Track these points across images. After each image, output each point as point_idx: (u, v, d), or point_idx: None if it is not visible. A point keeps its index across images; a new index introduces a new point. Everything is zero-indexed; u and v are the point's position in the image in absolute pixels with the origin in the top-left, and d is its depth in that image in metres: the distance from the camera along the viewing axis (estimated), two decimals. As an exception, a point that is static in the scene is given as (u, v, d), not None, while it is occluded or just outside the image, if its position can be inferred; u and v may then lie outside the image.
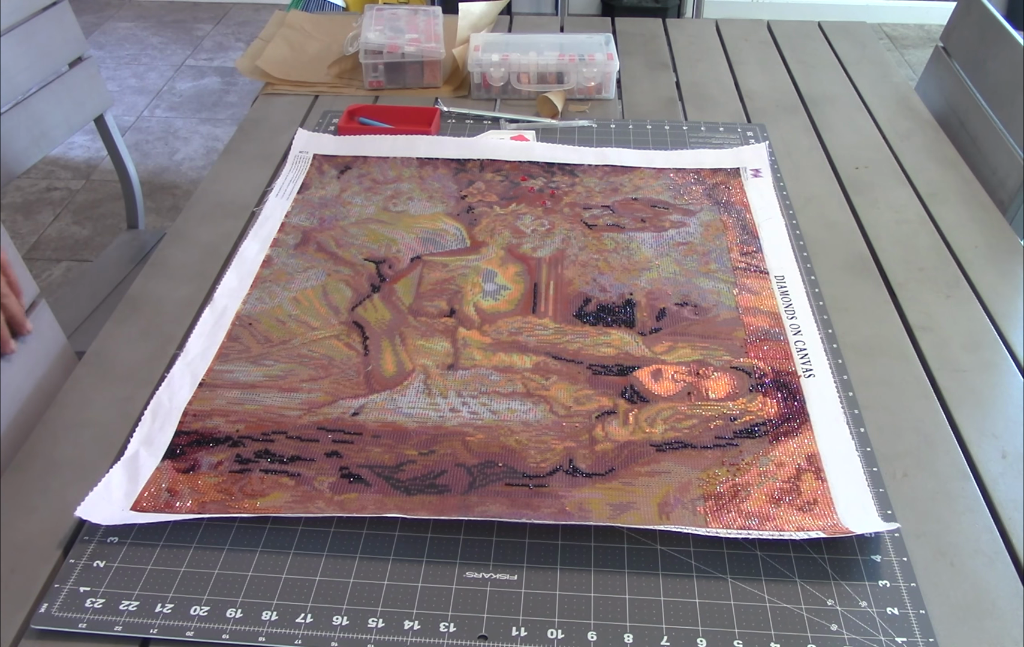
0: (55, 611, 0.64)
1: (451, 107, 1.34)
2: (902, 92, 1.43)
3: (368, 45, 1.39)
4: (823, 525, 0.70)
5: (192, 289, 0.98)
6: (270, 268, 1.01)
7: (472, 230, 1.07)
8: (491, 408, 0.82)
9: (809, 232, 1.07)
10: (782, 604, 0.65)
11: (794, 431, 0.79)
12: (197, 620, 0.64)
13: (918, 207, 1.13)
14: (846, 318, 0.94)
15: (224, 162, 1.23)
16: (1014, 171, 1.29)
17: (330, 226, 1.08)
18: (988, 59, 1.44)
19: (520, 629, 0.64)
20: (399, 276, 0.99)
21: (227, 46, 3.67)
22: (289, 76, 1.45)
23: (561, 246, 1.04)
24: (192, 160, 2.79)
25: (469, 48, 1.41)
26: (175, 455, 0.77)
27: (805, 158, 1.24)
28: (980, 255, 1.04)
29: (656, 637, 0.63)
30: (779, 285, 0.98)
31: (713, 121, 1.33)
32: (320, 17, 1.71)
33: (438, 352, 0.89)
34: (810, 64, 1.53)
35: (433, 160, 1.21)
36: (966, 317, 0.95)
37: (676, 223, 1.08)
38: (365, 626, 0.64)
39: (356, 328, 0.92)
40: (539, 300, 0.96)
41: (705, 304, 0.95)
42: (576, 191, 1.14)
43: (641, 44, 1.60)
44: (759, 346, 0.89)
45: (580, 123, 1.30)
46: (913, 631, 0.63)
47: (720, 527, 0.70)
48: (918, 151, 1.26)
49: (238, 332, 0.91)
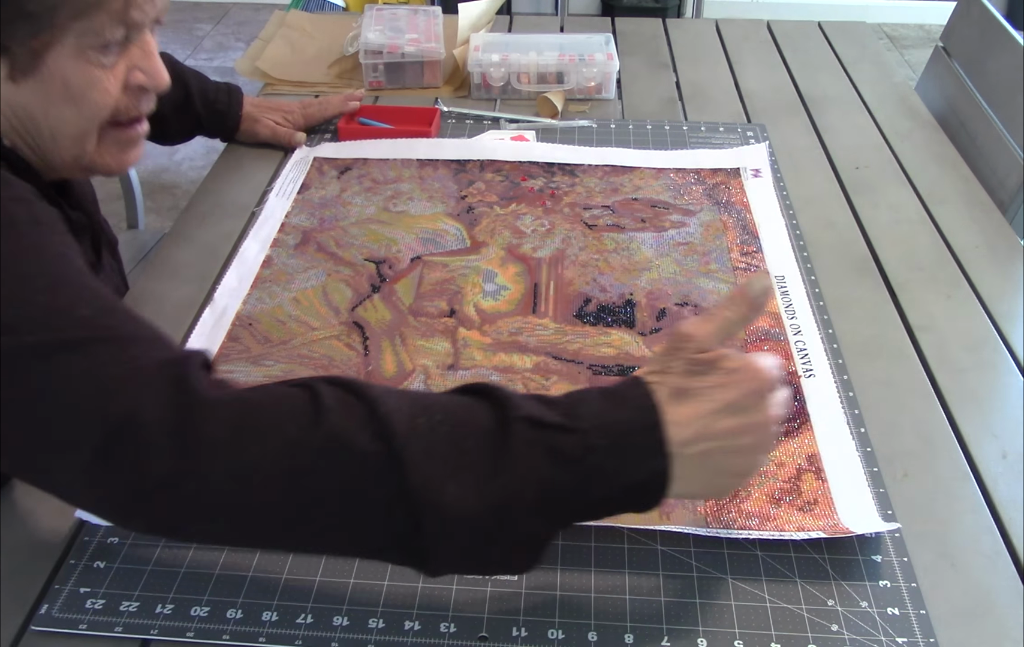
0: (55, 612, 0.64)
1: (451, 107, 1.34)
2: (902, 92, 1.43)
3: (368, 45, 1.39)
4: (823, 525, 0.70)
5: (192, 289, 0.98)
6: (270, 268, 1.00)
7: (472, 230, 1.07)
8: (491, 408, 0.82)
9: (809, 232, 1.07)
10: (782, 604, 0.65)
11: (794, 431, 0.79)
12: (197, 621, 0.64)
13: (918, 207, 1.13)
14: (846, 318, 0.94)
15: (224, 162, 1.23)
16: (1014, 171, 1.29)
17: (330, 226, 1.08)
18: (988, 59, 1.44)
19: (520, 629, 0.64)
20: (399, 276, 0.99)
21: (227, 46, 3.67)
22: (289, 76, 1.45)
23: (561, 246, 1.04)
24: (192, 160, 2.79)
25: (469, 48, 1.41)
26: (175, 455, 0.77)
27: (805, 158, 1.24)
28: (980, 255, 1.04)
29: (656, 637, 0.63)
30: (779, 285, 0.98)
31: (713, 121, 1.33)
32: (320, 17, 1.71)
33: (438, 352, 0.89)
34: (810, 64, 1.53)
35: (433, 160, 1.21)
36: (966, 317, 0.95)
37: (676, 223, 1.08)
38: (365, 626, 0.64)
39: (356, 328, 0.92)
40: (539, 300, 0.96)
41: (705, 304, 0.95)
42: (576, 191, 1.14)
43: (641, 44, 1.60)
44: (759, 346, 0.89)
45: (580, 123, 1.30)
46: (914, 631, 0.63)
47: (720, 527, 0.70)
48: (918, 151, 1.26)
49: (238, 332, 0.91)
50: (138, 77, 0.74)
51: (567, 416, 0.58)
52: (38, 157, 0.73)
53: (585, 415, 0.58)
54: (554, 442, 0.56)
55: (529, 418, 0.57)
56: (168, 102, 1.15)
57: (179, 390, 0.56)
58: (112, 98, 0.72)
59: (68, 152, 0.73)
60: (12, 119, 0.69)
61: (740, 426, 0.59)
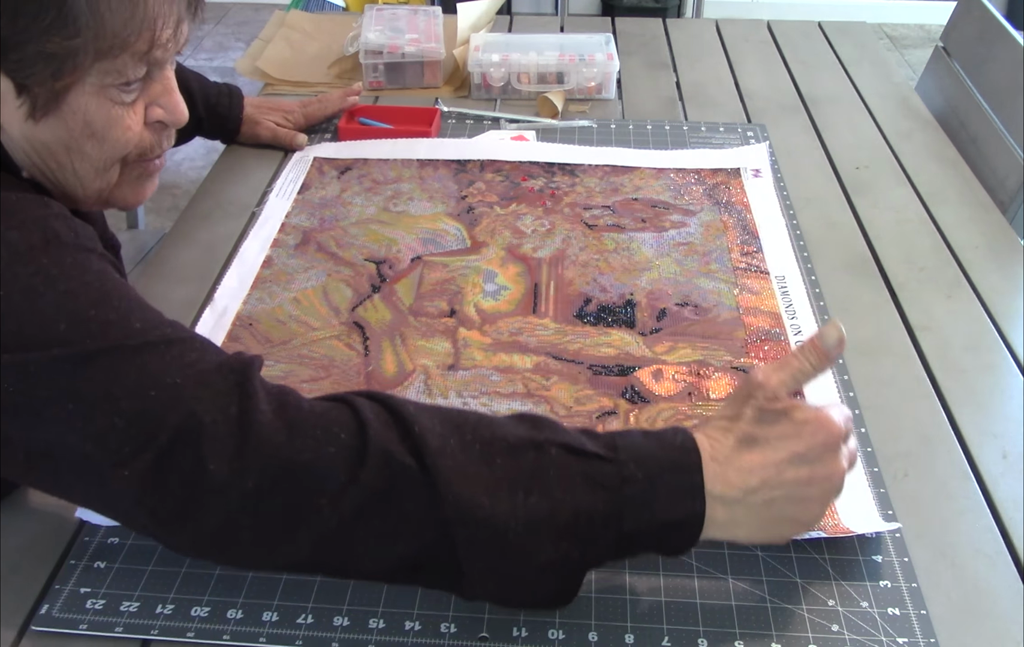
0: (56, 612, 0.64)
1: (451, 107, 1.34)
2: (902, 92, 1.43)
3: (368, 45, 1.39)
4: (824, 525, 0.70)
5: (192, 289, 0.98)
6: (270, 268, 1.00)
7: (472, 230, 1.07)
8: (492, 408, 0.82)
9: (809, 232, 1.07)
10: (783, 604, 0.65)
11: (795, 431, 0.79)
12: (198, 621, 0.64)
13: (918, 207, 1.13)
14: (846, 318, 0.93)
15: (224, 162, 1.23)
16: (1014, 171, 1.29)
17: (330, 226, 1.08)
18: (988, 59, 1.44)
19: (521, 629, 0.64)
20: (399, 276, 0.99)
21: (227, 46, 3.67)
22: (289, 76, 1.45)
23: (561, 246, 1.04)
24: (192, 160, 2.79)
25: (469, 48, 1.41)
26: (175, 455, 0.77)
27: (805, 158, 1.24)
28: (980, 255, 1.04)
29: (657, 637, 0.63)
30: (779, 285, 0.98)
31: (713, 121, 1.33)
32: (320, 17, 1.71)
33: (438, 352, 0.89)
34: (810, 64, 1.53)
35: (433, 161, 1.21)
36: (966, 317, 0.95)
37: (676, 223, 1.08)
38: (366, 627, 0.64)
39: (356, 328, 0.92)
40: (539, 300, 0.96)
41: (706, 304, 0.95)
42: (576, 191, 1.14)
43: (641, 44, 1.60)
44: (760, 346, 0.89)
45: (580, 123, 1.30)
46: (914, 631, 0.63)
47: (721, 527, 0.70)
48: (918, 151, 1.26)
49: (238, 332, 0.91)
50: (157, 113, 0.73)
51: (607, 448, 0.59)
52: (59, 191, 0.72)
53: (624, 448, 0.59)
54: (590, 469, 0.58)
55: (566, 445, 0.58)
56: None
57: (241, 392, 0.57)
58: (134, 134, 0.71)
59: (91, 187, 0.72)
60: (33, 156, 0.68)
61: (806, 477, 0.60)
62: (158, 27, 0.66)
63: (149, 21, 0.65)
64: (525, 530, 0.56)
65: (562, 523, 0.57)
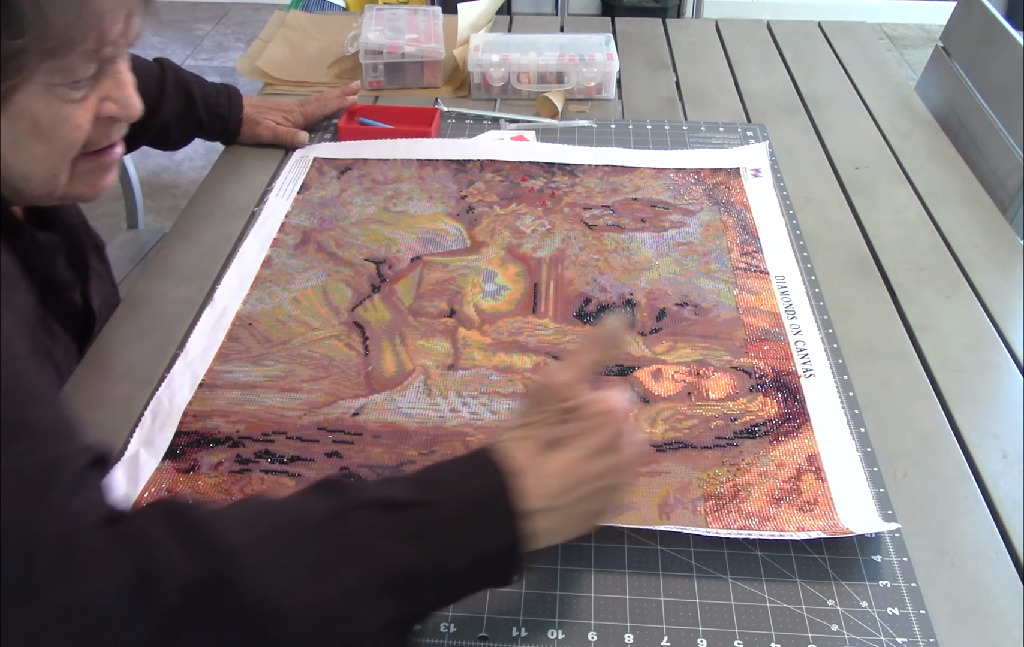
0: None
1: (451, 107, 1.34)
2: (902, 92, 1.43)
3: (368, 45, 1.39)
4: (823, 525, 0.70)
5: (192, 289, 0.98)
6: (270, 268, 1.00)
7: (472, 230, 1.07)
8: (492, 408, 0.82)
9: (809, 232, 1.07)
10: (782, 604, 0.65)
11: (794, 431, 0.79)
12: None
13: (918, 207, 1.13)
14: (846, 318, 0.94)
15: (224, 162, 1.23)
16: (1014, 171, 1.29)
17: (330, 226, 1.08)
18: (988, 59, 1.44)
19: (520, 629, 0.64)
20: (399, 276, 0.99)
21: (227, 46, 3.67)
22: (289, 76, 1.45)
23: (561, 246, 1.04)
24: (192, 160, 2.79)
25: (469, 48, 1.41)
26: (175, 456, 0.77)
27: (805, 158, 1.24)
28: (980, 255, 1.04)
29: (656, 637, 0.63)
30: (779, 285, 0.98)
31: (713, 121, 1.33)
32: (320, 17, 1.71)
33: (438, 352, 0.89)
34: (810, 64, 1.53)
35: (433, 160, 1.21)
36: (966, 317, 0.95)
37: (676, 223, 1.08)
38: (365, 626, 0.63)
39: (356, 328, 0.92)
40: (539, 300, 0.96)
41: (705, 304, 0.95)
42: (576, 191, 1.14)
43: (641, 44, 1.60)
44: (759, 346, 0.89)
45: (580, 123, 1.30)
46: (914, 631, 0.63)
47: (720, 527, 0.70)
48: (918, 151, 1.26)
49: (238, 332, 0.91)
50: (110, 108, 0.71)
51: (418, 490, 0.57)
52: (8, 190, 0.71)
53: (432, 487, 0.57)
54: (401, 521, 0.55)
55: (372, 501, 0.55)
56: (172, 111, 1.15)
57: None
58: (83, 132, 0.69)
59: (40, 187, 0.71)
60: None
61: (610, 467, 0.60)
62: (107, 24, 0.64)
63: (97, 19, 0.63)
64: (343, 605, 0.52)
65: (381, 586, 0.53)
